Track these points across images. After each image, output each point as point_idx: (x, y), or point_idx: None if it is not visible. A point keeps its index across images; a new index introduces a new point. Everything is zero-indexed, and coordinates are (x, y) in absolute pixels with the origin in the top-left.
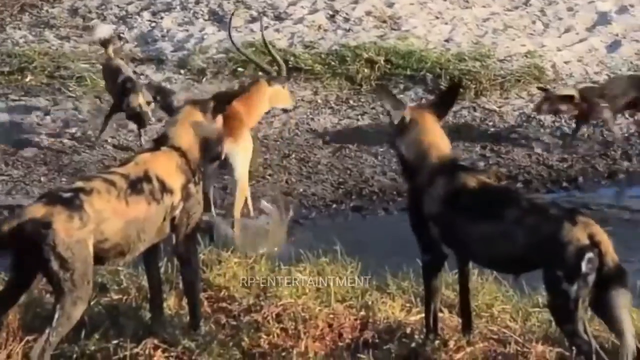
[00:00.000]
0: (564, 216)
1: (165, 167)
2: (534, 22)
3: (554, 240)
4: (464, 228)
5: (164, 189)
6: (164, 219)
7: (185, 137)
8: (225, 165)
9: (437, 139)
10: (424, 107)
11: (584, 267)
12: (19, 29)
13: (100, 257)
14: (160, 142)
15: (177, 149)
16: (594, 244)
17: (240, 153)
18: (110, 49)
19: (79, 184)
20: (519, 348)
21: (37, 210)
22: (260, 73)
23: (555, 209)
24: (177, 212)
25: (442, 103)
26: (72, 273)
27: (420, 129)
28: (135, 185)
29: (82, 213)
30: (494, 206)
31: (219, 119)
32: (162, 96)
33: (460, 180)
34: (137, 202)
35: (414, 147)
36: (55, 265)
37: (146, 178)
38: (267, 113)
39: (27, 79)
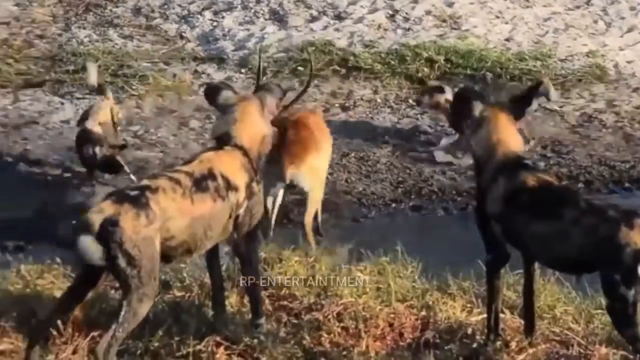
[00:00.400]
0: (622, 218)
1: (230, 165)
2: (595, 22)
3: (611, 242)
4: (523, 227)
5: (229, 186)
6: (229, 217)
7: (247, 135)
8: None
9: (506, 137)
10: (500, 106)
11: None
12: (84, 28)
13: (167, 255)
14: (223, 140)
15: (240, 148)
16: None
17: (307, 177)
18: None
19: (146, 182)
20: (581, 350)
21: (106, 208)
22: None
23: (613, 211)
24: (240, 211)
25: (519, 103)
26: (139, 270)
27: (492, 126)
28: (200, 183)
29: (149, 211)
30: (553, 206)
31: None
32: (211, 93)
33: (521, 179)
34: (202, 199)
35: (483, 143)
36: (122, 262)
37: (211, 176)
38: (326, 112)
39: None
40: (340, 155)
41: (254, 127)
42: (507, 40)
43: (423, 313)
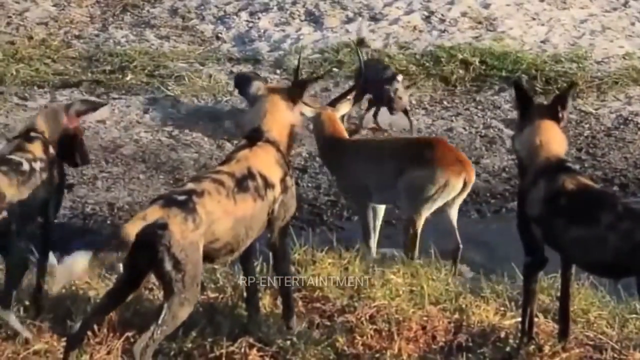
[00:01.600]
0: None
1: (266, 162)
2: (632, 24)
3: None
4: (561, 230)
5: (267, 184)
6: (268, 214)
7: (277, 129)
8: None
9: (549, 140)
10: (541, 108)
11: None
12: (121, 28)
13: (210, 256)
14: (255, 136)
15: (272, 143)
16: None
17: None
18: None
19: (190, 185)
20: (615, 355)
21: (154, 212)
22: None
23: None
24: (276, 206)
25: (554, 106)
26: (184, 275)
27: (535, 128)
28: (242, 183)
29: (195, 215)
30: (590, 209)
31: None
32: (241, 83)
33: (560, 182)
34: (244, 200)
35: (526, 145)
36: (168, 265)
37: (250, 175)
38: (361, 111)
39: (128, 78)
40: None
41: (283, 118)
42: (543, 42)
43: (456, 316)
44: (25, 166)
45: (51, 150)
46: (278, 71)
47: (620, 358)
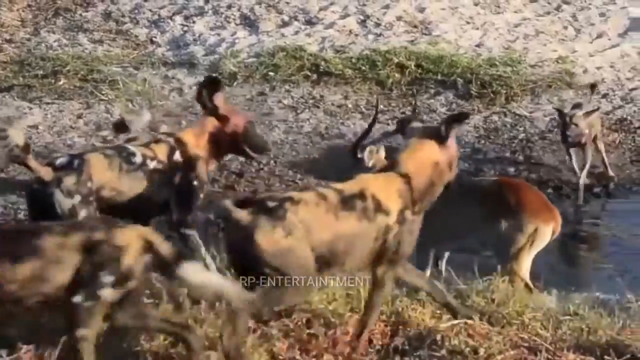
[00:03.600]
0: None
1: (384, 188)
2: (565, 28)
3: None
4: None
5: (379, 208)
6: (376, 239)
7: (413, 164)
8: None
9: None
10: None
11: None
12: (53, 32)
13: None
14: (389, 166)
15: (403, 175)
16: None
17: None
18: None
19: (290, 194)
20: (549, 356)
21: (245, 217)
22: None
23: None
24: (390, 235)
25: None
26: (282, 279)
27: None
28: (348, 201)
29: (285, 223)
30: None
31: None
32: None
33: None
34: (346, 217)
35: None
36: (266, 270)
37: (361, 195)
38: (297, 115)
39: (61, 83)
40: (311, 160)
41: (423, 155)
42: (478, 46)
43: (393, 319)
44: (137, 159)
45: (176, 156)
46: (213, 75)
47: (554, 359)
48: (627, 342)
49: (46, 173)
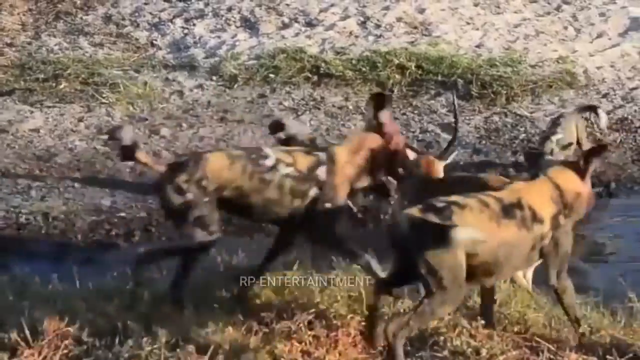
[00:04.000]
0: None
1: (539, 196)
2: (565, 28)
3: None
4: None
5: (535, 218)
6: (533, 248)
7: (562, 175)
8: None
9: None
10: None
11: None
12: (54, 36)
13: (469, 274)
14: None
15: (552, 180)
16: None
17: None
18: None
19: (455, 198)
20: (551, 356)
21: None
22: None
23: None
24: (545, 241)
25: None
26: (441, 279)
27: None
28: (508, 210)
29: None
30: None
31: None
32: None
33: None
34: (507, 225)
35: None
36: (423, 269)
37: (519, 205)
38: (297, 117)
39: (62, 86)
40: None
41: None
42: (478, 46)
43: None
44: (269, 162)
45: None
46: (214, 77)
47: (556, 359)
48: (629, 342)
49: (159, 169)
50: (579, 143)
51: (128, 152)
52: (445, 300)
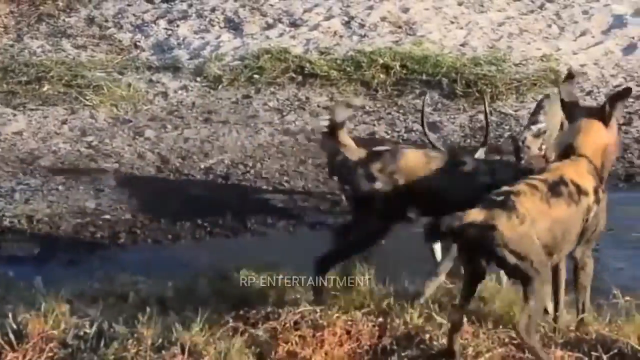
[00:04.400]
0: None
1: (577, 171)
2: (549, 26)
3: None
4: None
5: (580, 191)
6: (582, 221)
7: (589, 145)
8: None
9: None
10: None
11: None
12: (36, 38)
13: None
14: (568, 152)
15: (584, 156)
16: None
17: None
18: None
19: (506, 188)
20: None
21: (479, 215)
22: None
23: None
24: (591, 215)
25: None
26: (531, 262)
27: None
28: (555, 188)
29: (518, 212)
30: None
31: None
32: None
33: None
34: (558, 203)
35: None
36: (512, 259)
37: (562, 182)
38: (282, 117)
39: (45, 89)
40: (297, 162)
41: (597, 138)
42: (462, 45)
43: (380, 319)
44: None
45: None
46: (198, 78)
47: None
48: (614, 338)
49: (354, 152)
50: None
51: (332, 130)
52: (543, 279)
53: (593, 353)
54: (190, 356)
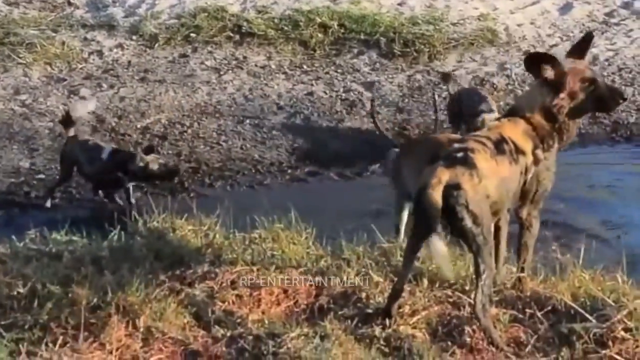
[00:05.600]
0: None
1: (514, 131)
2: None
3: None
4: None
5: (517, 150)
6: (519, 182)
7: (527, 106)
8: None
9: None
10: None
11: None
12: None
13: None
14: (509, 113)
15: (523, 117)
16: None
17: None
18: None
19: (459, 145)
20: (472, 311)
21: (444, 174)
22: None
23: None
24: (528, 176)
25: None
26: (482, 228)
27: None
28: (498, 146)
29: (477, 170)
30: None
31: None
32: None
33: None
34: (502, 161)
35: None
36: (469, 222)
37: (504, 140)
38: (220, 77)
39: None
40: (235, 122)
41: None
42: (400, 4)
43: (317, 279)
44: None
45: None
46: (134, 37)
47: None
48: (548, 295)
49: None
50: None
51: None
52: (490, 249)
53: (527, 310)
54: (126, 316)
